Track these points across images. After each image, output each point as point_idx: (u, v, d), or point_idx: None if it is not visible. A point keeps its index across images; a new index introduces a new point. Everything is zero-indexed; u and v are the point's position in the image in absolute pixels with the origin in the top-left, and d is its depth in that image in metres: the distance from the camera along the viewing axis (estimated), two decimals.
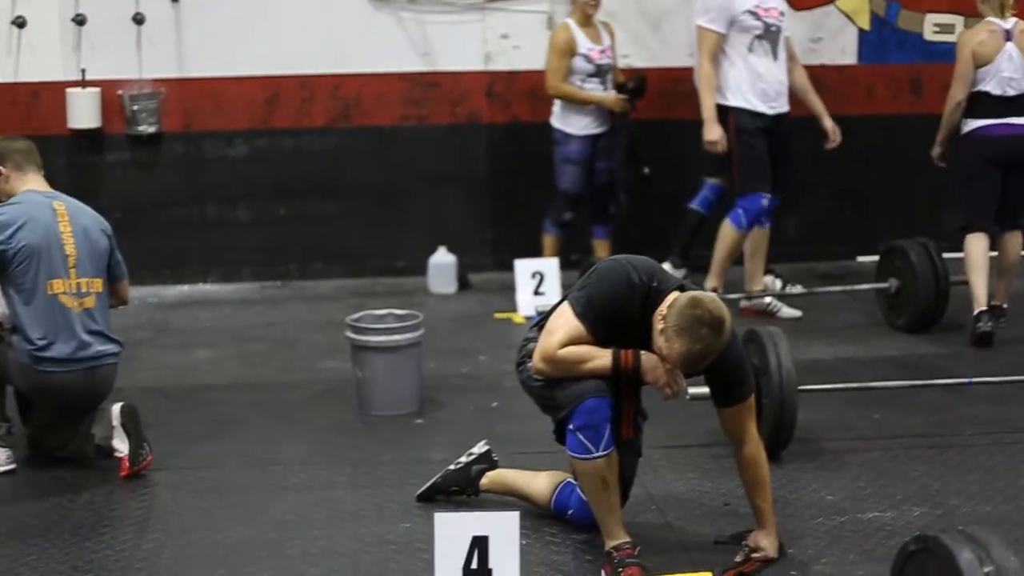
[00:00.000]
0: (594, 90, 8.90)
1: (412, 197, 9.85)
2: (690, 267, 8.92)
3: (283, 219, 9.85)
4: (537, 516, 5.27)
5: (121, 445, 5.91)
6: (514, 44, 9.76)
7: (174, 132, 9.70)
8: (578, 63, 8.82)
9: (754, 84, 8.29)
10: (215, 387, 7.43)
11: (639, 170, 9.07)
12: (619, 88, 8.96)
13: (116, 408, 5.96)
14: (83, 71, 9.45)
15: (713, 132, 8.26)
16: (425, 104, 9.80)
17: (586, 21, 8.88)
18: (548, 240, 9.15)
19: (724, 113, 8.30)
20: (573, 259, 8.96)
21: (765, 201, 8.36)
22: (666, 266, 9.19)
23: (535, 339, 4.90)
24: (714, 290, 8.15)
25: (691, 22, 8.54)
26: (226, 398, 7.20)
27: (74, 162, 9.53)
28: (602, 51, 8.89)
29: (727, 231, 8.44)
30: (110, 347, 6.04)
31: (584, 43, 8.83)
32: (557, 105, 9.02)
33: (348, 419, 6.74)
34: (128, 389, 6.62)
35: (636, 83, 8.96)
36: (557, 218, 9.11)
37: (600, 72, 8.88)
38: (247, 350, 8.24)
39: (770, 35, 8.31)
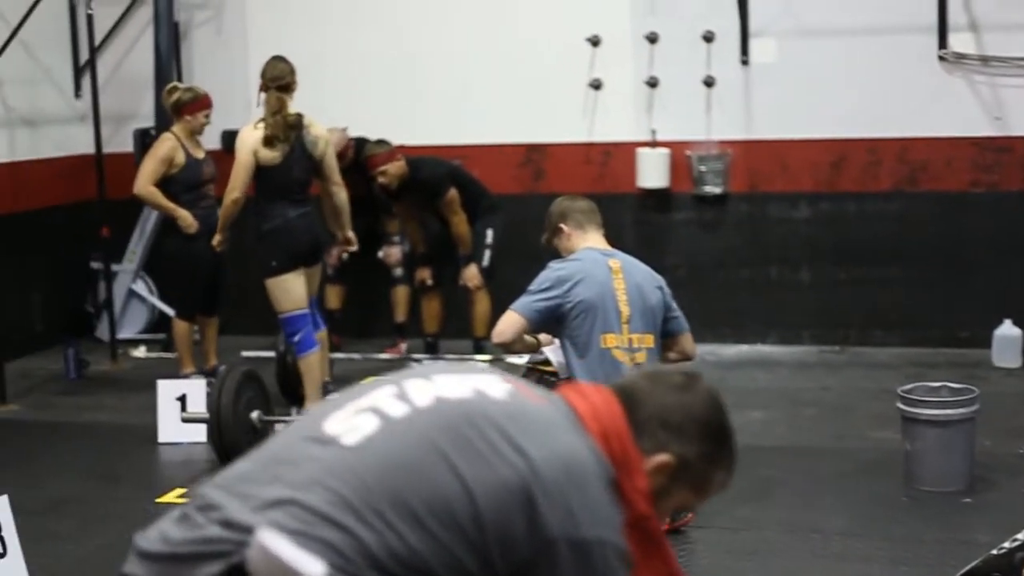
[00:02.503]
0: None
1: (978, 265, 9.54)
2: None
3: (844, 283, 9.76)
4: None
5: None
6: None
7: (739, 193, 9.84)
8: None
9: None
10: (764, 449, 7.43)
11: None
12: None
13: None
14: (653, 132, 9.75)
15: None
16: (996, 170, 9.47)
17: None
18: None
19: None
20: None
21: None
22: None
23: None
24: None
25: None
26: (773, 460, 7.20)
27: (641, 220, 9.84)
28: None
29: None
30: None
31: None
32: None
33: (893, 492, 6.58)
34: None
35: None
36: None
37: None
38: (799, 414, 8.22)
39: None
